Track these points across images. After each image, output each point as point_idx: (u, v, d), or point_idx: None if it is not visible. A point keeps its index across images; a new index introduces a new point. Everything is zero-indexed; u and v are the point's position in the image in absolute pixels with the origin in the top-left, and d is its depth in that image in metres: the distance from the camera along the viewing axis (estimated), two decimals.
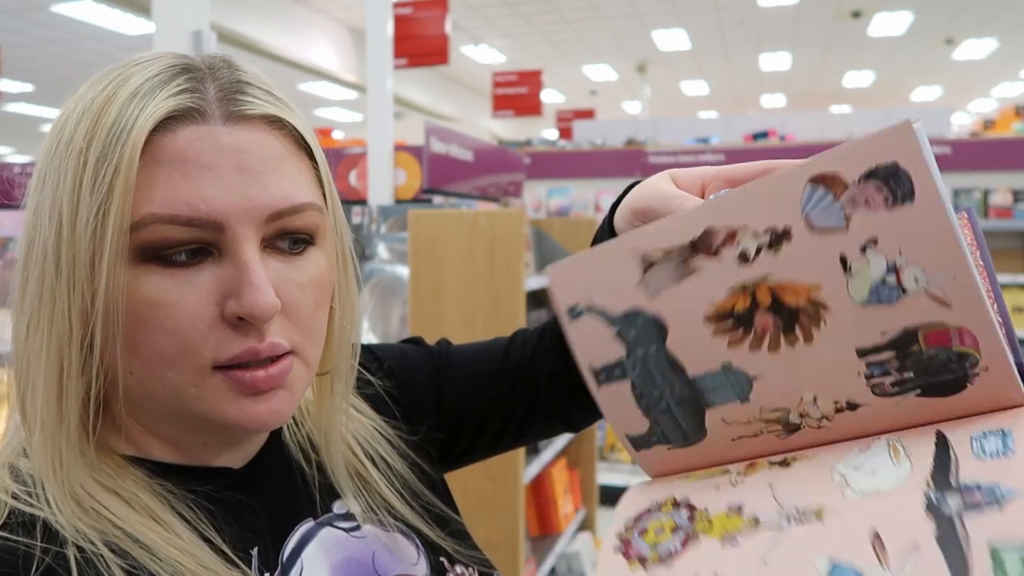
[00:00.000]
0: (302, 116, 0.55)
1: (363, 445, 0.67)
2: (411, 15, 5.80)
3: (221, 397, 0.51)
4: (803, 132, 7.84)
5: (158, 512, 0.52)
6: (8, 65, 10.04)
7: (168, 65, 0.51)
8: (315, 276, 0.54)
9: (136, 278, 0.49)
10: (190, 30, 3.28)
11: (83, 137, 0.49)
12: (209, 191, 0.49)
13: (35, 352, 0.50)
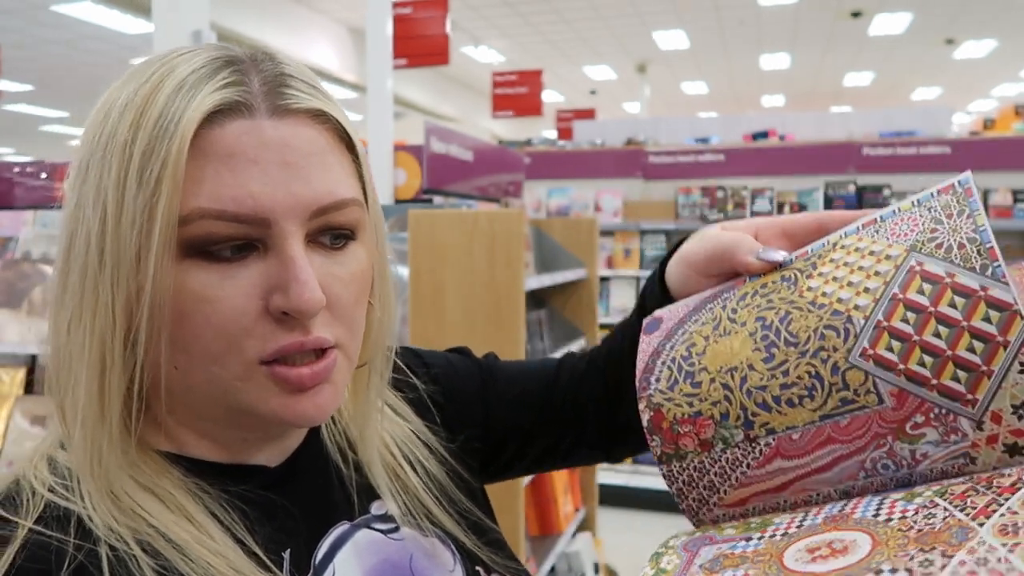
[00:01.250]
0: (343, 110, 0.55)
1: (401, 448, 0.67)
2: (411, 15, 5.80)
3: (266, 392, 0.51)
4: (803, 132, 7.83)
5: (192, 512, 0.52)
6: (8, 65, 10.04)
7: (212, 57, 0.51)
8: (356, 271, 0.54)
9: (182, 273, 0.48)
10: (190, 30, 3.28)
11: (128, 129, 0.48)
12: (255, 186, 0.48)
13: (77, 347, 0.49)
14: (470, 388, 0.74)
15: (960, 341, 0.46)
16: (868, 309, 0.49)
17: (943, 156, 4.51)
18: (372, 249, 0.57)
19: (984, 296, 0.46)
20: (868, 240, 0.52)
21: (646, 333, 0.61)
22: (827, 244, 0.55)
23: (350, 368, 0.55)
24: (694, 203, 4.72)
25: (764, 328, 0.53)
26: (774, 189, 4.63)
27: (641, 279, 4.88)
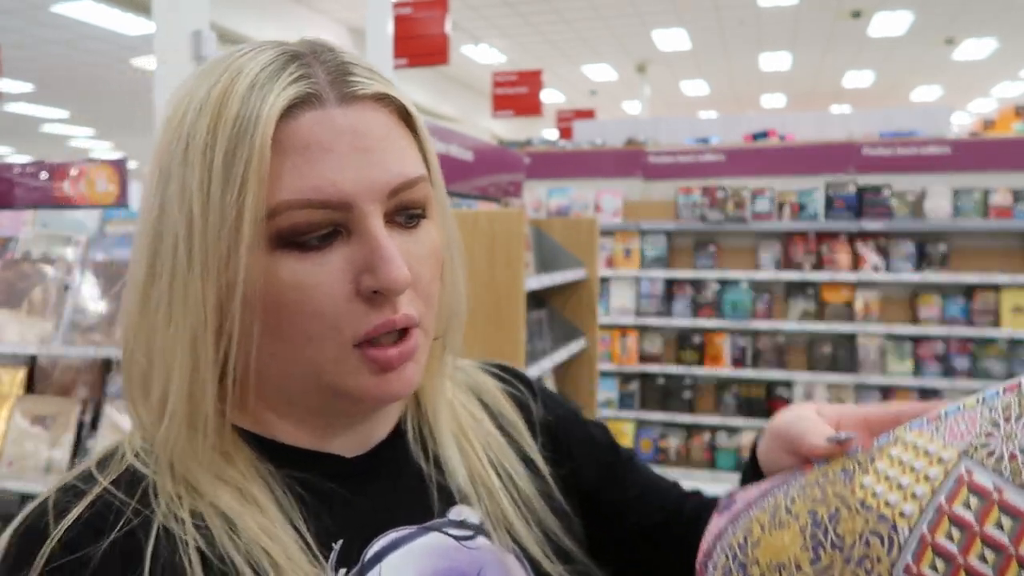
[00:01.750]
0: (403, 91, 0.57)
1: (491, 456, 0.66)
2: (411, 15, 5.80)
3: (358, 373, 0.53)
4: (803, 132, 7.83)
5: (255, 493, 0.54)
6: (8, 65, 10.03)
7: (277, 54, 0.53)
8: (431, 247, 0.56)
9: (273, 264, 0.51)
10: (190, 30, 3.28)
11: (206, 132, 0.50)
12: (333, 173, 0.51)
13: (168, 346, 0.51)
14: (595, 451, 0.74)
15: (1008, 570, 0.42)
16: (913, 518, 0.46)
17: (943, 156, 4.51)
18: (439, 226, 0.59)
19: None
20: (926, 438, 0.49)
21: (717, 512, 0.61)
22: (891, 437, 0.52)
23: (428, 343, 0.58)
24: (694, 203, 4.72)
25: (814, 525, 0.51)
26: (774, 189, 4.63)
27: (641, 279, 4.88)
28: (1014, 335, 4.21)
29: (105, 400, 2.50)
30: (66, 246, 2.67)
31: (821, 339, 4.60)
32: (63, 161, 2.97)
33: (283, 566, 0.51)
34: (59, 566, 0.48)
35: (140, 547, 0.50)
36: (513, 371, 0.76)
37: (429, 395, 0.65)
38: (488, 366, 0.76)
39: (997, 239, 4.41)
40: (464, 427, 0.67)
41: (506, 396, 0.72)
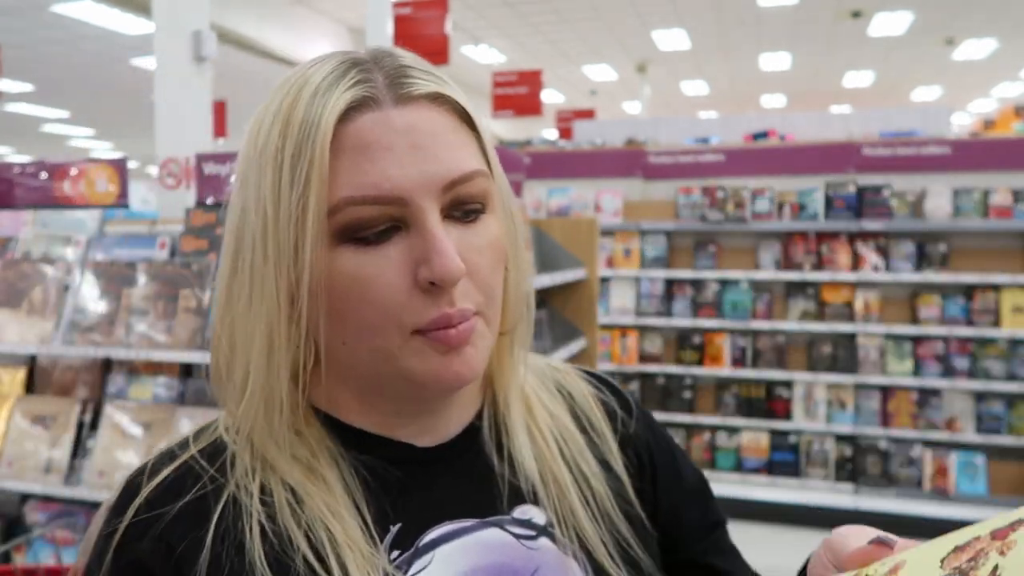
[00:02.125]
0: (460, 90, 0.59)
1: (564, 450, 0.67)
2: (411, 15, 5.80)
3: (423, 356, 0.56)
4: (803, 132, 7.83)
5: (324, 472, 0.59)
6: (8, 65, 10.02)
7: (339, 62, 0.57)
8: (491, 239, 0.58)
9: (337, 258, 0.54)
10: (190, 30, 3.28)
11: (277, 138, 0.55)
12: (390, 170, 0.54)
13: (248, 333, 0.57)
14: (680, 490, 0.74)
15: None
16: None
17: (943, 156, 4.51)
18: (502, 218, 0.60)
19: None
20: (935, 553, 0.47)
21: None
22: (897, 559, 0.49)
23: (492, 333, 0.59)
24: (694, 203, 4.72)
25: None
26: (774, 189, 4.63)
27: (641, 279, 4.88)
28: (1014, 335, 4.21)
29: (105, 400, 2.50)
30: (66, 246, 2.67)
31: (821, 339, 4.60)
32: (63, 161, 2.97)
33: (340, 543, 0.55)
34: (142, 519, 0.57)
35: (209, 511, 0.57)
36: (612, 385, 0.76)
37: (502, 389, 0.67)
38: (588, 374, 0.77)
39: (997, 239, 4.41)
40: (539, 422, 0.68)
41: (597, 402, 0.73)
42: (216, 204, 2.69)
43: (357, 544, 0.56)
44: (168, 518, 0.57)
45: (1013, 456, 4.32)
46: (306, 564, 0.55)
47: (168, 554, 0.56)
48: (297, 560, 0.55)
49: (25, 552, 2.26)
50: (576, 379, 0.75)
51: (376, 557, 0.56)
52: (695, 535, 0.73)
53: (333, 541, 0.56)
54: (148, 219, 2.81)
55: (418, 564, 0.58)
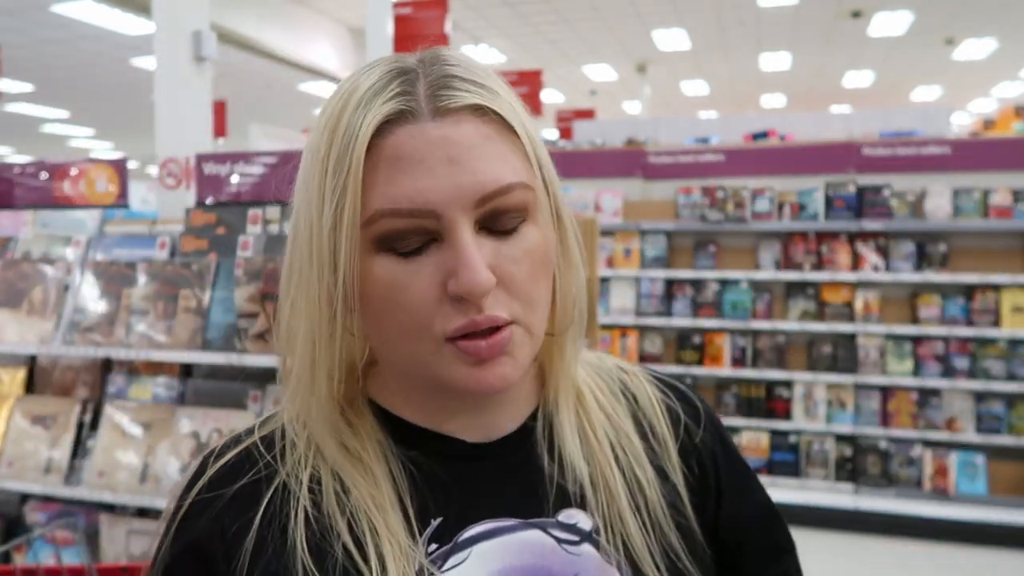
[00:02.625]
0: (509, 98, 0.59)
1: (619, 455, 0.66)
2: (411, 15, 5.80)
3: (453, 364, 0.57)
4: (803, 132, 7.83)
5: (373, 466, 0.61)
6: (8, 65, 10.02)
7: (386, 71, 0.58)
8: (529, 249, 0.58)
9: (374, 265, 0.56)
10: (190, 30, 3.28)
11: (324, 144, 0.57)
12: (424, 182, 0.54)
13: (295, 330, 0.59)
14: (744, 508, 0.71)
15: None
16: None
17: (943, 156, 4.51)
18: (548, 226, 0.60)
19: None
20: None
21: None
22: None
23: (532, 340, 0.59)
24: (694, 203, 4.72)
25: None
26: (774, 189, 4.63)
27: (641, 279, 4.88)
28: (1014, 335, 4.21)
29: (105, 400, 2.50)
30: (66, 246, 2.67)
31: (821, 339, 4.60)
32: (63, 161, 2.97)
33: (381, 534, 0.57)
34: (203, 498, 0.61)
35: (260, 495, 0.60)
36: (682, 391, 0.74)
37: (554, 390, 0.67)
38: (658, 378, 0.74)
39: (997, 239, 4.41)
40: (595, 424, 0.67)
41: (662, 407, 0.71)
42: (216, 204, 2.69)
43: (397, 536, 0.57)
44: (224, 500, 0.61)
45: (1013, 456, 4.32)
46: (345, 552, 0.57)
47: (221, 534, 0.59)
48: (337, 547, 0.57)
49: (25, 552, 2.26)
50: (643, 382, 0.73)
51: (413, 549, 0.58)
52: (757, 559, 0.70)
53: (374, 532, 0.57)
54: (148, 219, 2.81)
55: (454, 559, 0.59)
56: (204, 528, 0.60)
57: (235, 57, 9.84)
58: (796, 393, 4.62)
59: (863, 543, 4.23)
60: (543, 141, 0.63)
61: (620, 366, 0.75)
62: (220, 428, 2.31)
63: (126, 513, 2.42)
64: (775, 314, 4.68)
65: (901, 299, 4.56)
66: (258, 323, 2.26)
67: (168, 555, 0.61)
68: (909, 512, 4.25)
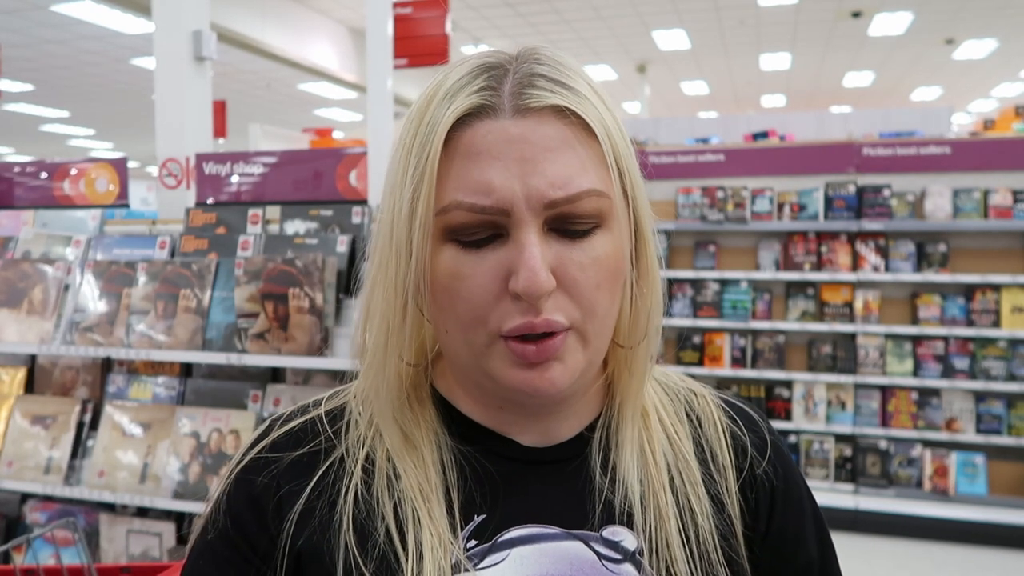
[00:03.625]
0: (596, 101, 0.58)
1: (675, 479, 0.64)
2: (411, 15, 5.80)
3: (505, 363, 0.57)
4: (803, 132, 7.83)
5: (426, 454, 0.62)
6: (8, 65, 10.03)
7: (476, 65, 0.58)
8: (598, 257, 0.57)
9: (443, 253, 0.57)
10: (190, 30, 3.28)
11: (411, 135, 0.57)
12: (496, 179, 0.54)
13: (374, 308, 0.61)
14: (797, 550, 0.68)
15: None
16: None
17: (943, 156, 4.51)
18: (623, 236, 0.59)
19: None
20: None
21: None
22: None
23: (587, 349, 0.58)
24: (694, 203, 4.72)
25: None
26: (774, 189, 4.63)
27: None
28: (1014, 335, 4.21)
29: (105, 400, 2.50)
30: (66, 246, 2.67)
31: (821, 339, 4.60)
32: (63, 161, 2.97)
33: (423, 523, 0.58)
34: (265, 457, 0.64)
35: (316, 466, 0.63)
36: (752, 418, 0.71)
37: (619, 403, 0.66)
38: (728, 402, 0.72)
39: (997, 239, 4.41)
40: (655, 443, 0.65)
41: (727, 434, 0.69)
42: (216, 204, 2.69)
43: (438, 527, 0.58)
44: (284, 464, 0.63)
45: (1013, 456, 4.32)
46: (387, 535, 0.58)
47: (276, 492, 0.62)
48: (380, 529, 0.59)
49: (25, 552, 2.26)
50: (710, 405, 0.71)
51: (453, 543, 0.58)
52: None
53: (416, 520, 0.58)
54: (148, 219, 2.81)
55: (492, 558, 0.59)
56: (262, 484, 0.62)
57: (235, 57, 9.84)
58: (796, 393, 4.62)
59: (863, 543, 4.23)
60: (633, 151, 0.62)
61: (691, 388, 0.73)
62: (220, 428, 2.31)
63: (126, 513, 2.42)
64: (775, 314, 4.68)
65: (901, 299, 4.56)
66: (258, 323, 2.26)
67: (228, 502, 0.63)
68: (909, 512, 4.25)
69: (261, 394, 2.37)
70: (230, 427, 2.31)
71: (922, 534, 4.23)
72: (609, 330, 0.60)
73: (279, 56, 9.45)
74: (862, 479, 4.44)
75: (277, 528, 0.61)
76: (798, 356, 4.68)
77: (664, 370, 0.75)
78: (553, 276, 0.55)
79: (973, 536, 4.15)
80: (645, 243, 0.63)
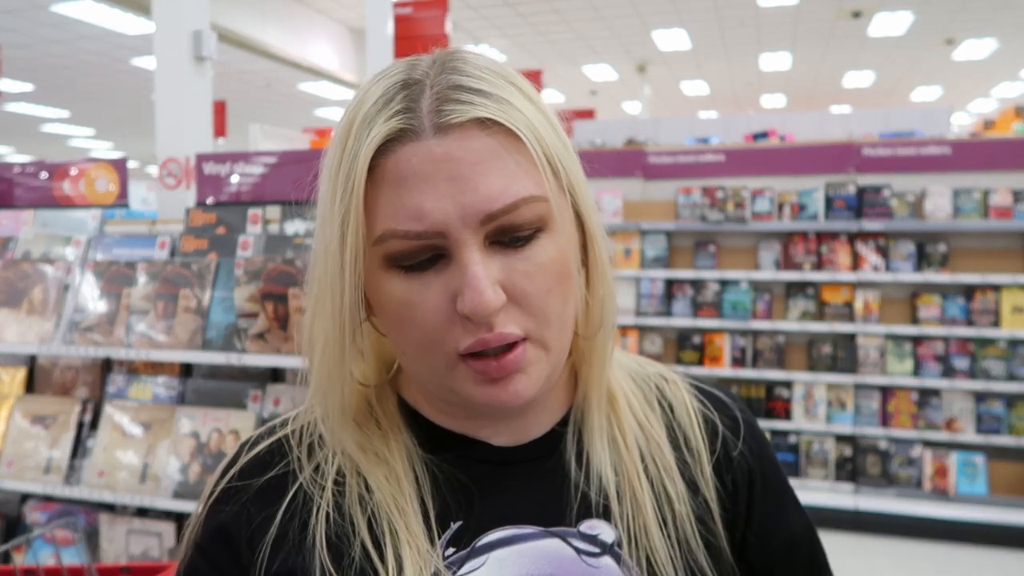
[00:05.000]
0: (522, 104, 0.56)
1: (648, 466, 0.64)
2: (411, 15, 5.80)
3: (468, 381, 0.56)
4: (803, 132, 7.83)
5: (397, 467, 0.61)
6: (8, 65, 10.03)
7: (392, 83, 0.56)
8: (544, 262, 0.56)
9: (389, 281, 0.56)
10: (190, 30, 3.28)
11: (335, 163, 0.56)
12: (426, 203, 0.53)
13: (316, 337, 0.59)
14: (776, 530, 0.69)
15: None
16: None
17: (943, 156, 4.51)
18: (566, 234, 0.58)
19: None
20: None
21: None
22: None
23: (549, 355, 0.58)
24: (694, 203, 4.72)
25: None
26: (774, 189, 4.63)
27: (641, 279, 4.88)
28: (1014, 335, 4.21)
29: (105, 400, 2.50)
30: (66, 246, 2.67)
31: (821, 339, 4.60)
32: (63, 161, 2.97)
33: (400, 536, 0.58)
34: (235, 486, 0.63)
35: (286, 488, 0.62)
36: (722, 401, 0.72)
37: (584, 395, 0.65)
38: (699, 387, 0.72)
39: (997, 239, 4.41)
40: (626, 433, 0.65)
41: (699, 418, 0.69)
42: (216, 204, 2.69)
43: (416, 539, 0.57)
44: (252, 490, 0.62)
45: (1013, 456, 4.32)
46: (363, 551, 0.58)
47: (247, 522, 0.61)
48: (355, 546, 0.58)
49: (25, 552, 2.26)
50: (681, 391, 0.71)
51: (431, 552, 0.57)
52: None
53: (394, 533, 0.58)
54: (148, 219, 2.81)
55: (471, 564, 0.58)
56: (232, 514, 0.62)
57: (235, 57, 9.84)
58: (796, 393, 4.62)
59: (863, 543, 4.23)
60: (568, 142, 0.62)
61: (661, 374, 0.73)
62: (220, 428, 2.31)
63: (126, 513, 2.42)
64: (775, 314, 4.68)
65: (901, 299, 4.56)
66: (258, 323, 2.26)
67: (199, 535, 0.63)
68: (909, 512, 4.25)
69: (261, 394, 2.37)
70: (230, 427, 2.31)
71: (922, 534, 4.23)
72: (568, 330, 0.59)
73: (279, 56, 9.45)
74: (862, 479, 4.44)
75: (250, 558, 0.60)
76: (798, 356, 4.68)
77: (635, 358, 0.74)
78: (502, 289, 0.54)
79: (973, 536, 4.15)
80: (591, 235, 0.61)
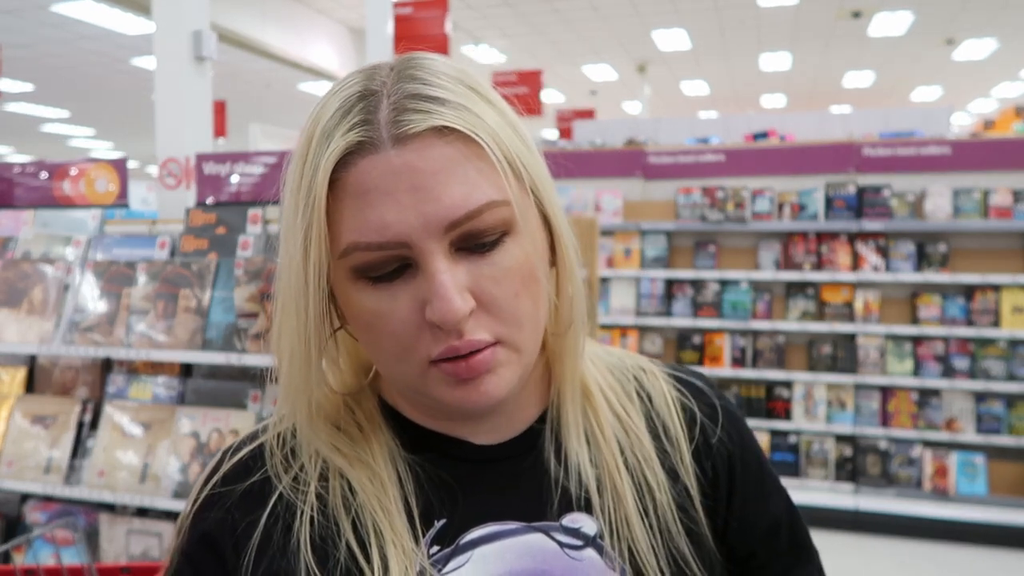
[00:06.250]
0: (480, 108, 0.56)
1: (628, 457, 0.65)
2: (411, 15, 5.80)
3: (441, 385, 0.57)
4: (803, 132, 7.83)
5: (379, 468, 0.62)
6: (8, 65, 10.02)
7: (350, 95, 0.56)
8: (510, 267, 0.56)
9: (356, 293, 0.56)
10: (190, 30, 3.28)
11: (296, 177, 0.57)
12: (388, 215, 0.53)
13: (283, 349, 0.60)
14: (758, 514, 0.69)
15: None
16: None
17: (943, 156, 4.51)
18: (532, 236, 0.58)
19: None
20: None
21: None
22: None
23: (520, 357, 0.58)
24: (694, 203, 4.72)
25: None
26: (774, 189, 4.63)
27: (641, 279, 4.88)
28: (1014, 335, 4.21)
29: (105, 400, 2.50)
30: (66, 246, 2.67)
31: (821, 339, 4.60)
32: (63, 161, 2.97)
33: (385, 536, 0.58)
34: (217, 492, 0.64)
35: (269, 492, 0.62)
36: (699, 389, 0.72)
37: (558, 391, 0.66)
38: (676, 376, 0.73)
39: (997, 239, 4.41)
40: (603, 425, 0.66)
41: (677, 406, 0.69)
42: (216, 204, 2.69)
43: (401, 538, 0.58)
44: (235, 496, 0.63)
45: (1013, 456, 4.32)
46: (348, 552, 0.58)
47: (232, 529, 0.62)
48: (340, 548, 0.59)
49: (25, 552, 2.26)
50: (659, 381, 0.72)
51: (416, 551, 0.58)
52: (772, 567, 0.69)
53: (378, 533, 0.58)
54: (148, 219, 2.81)
55: (455, 562, 0.59)
56: (216, 520, 0.62)
57: (235, 57, 9.84)
58: (796, 393, 4.62)
59: (863, 543, 4.23)
60: (531, 142, 0.61)
61: (640, 365, 0.73)
62: (220, 428, 2.31)
63: (126, 513, 2.42)
64: (775, 314, 4.68)
65: (901, 299, 4.56)
66: (258, 323, 2.26)
67: (185, 542, 0.64)
68: (909, 512, 4.25)
69: (261, 394, 2.37)
70: (230, 427, 2.31)
71: (922, 534, 4.23)
72: (538, 331, 0.59)
73: (279, 56, 9.46)
74: (862, 479, 4.44)
75: (235, 564, 0.61)
76: (798, 356, 4.68)
77: (615, 351, 0.75)
78: (471, 295, 0.55)
79: (973, 536, 4.15)
80: (558, 234, 0.61)
